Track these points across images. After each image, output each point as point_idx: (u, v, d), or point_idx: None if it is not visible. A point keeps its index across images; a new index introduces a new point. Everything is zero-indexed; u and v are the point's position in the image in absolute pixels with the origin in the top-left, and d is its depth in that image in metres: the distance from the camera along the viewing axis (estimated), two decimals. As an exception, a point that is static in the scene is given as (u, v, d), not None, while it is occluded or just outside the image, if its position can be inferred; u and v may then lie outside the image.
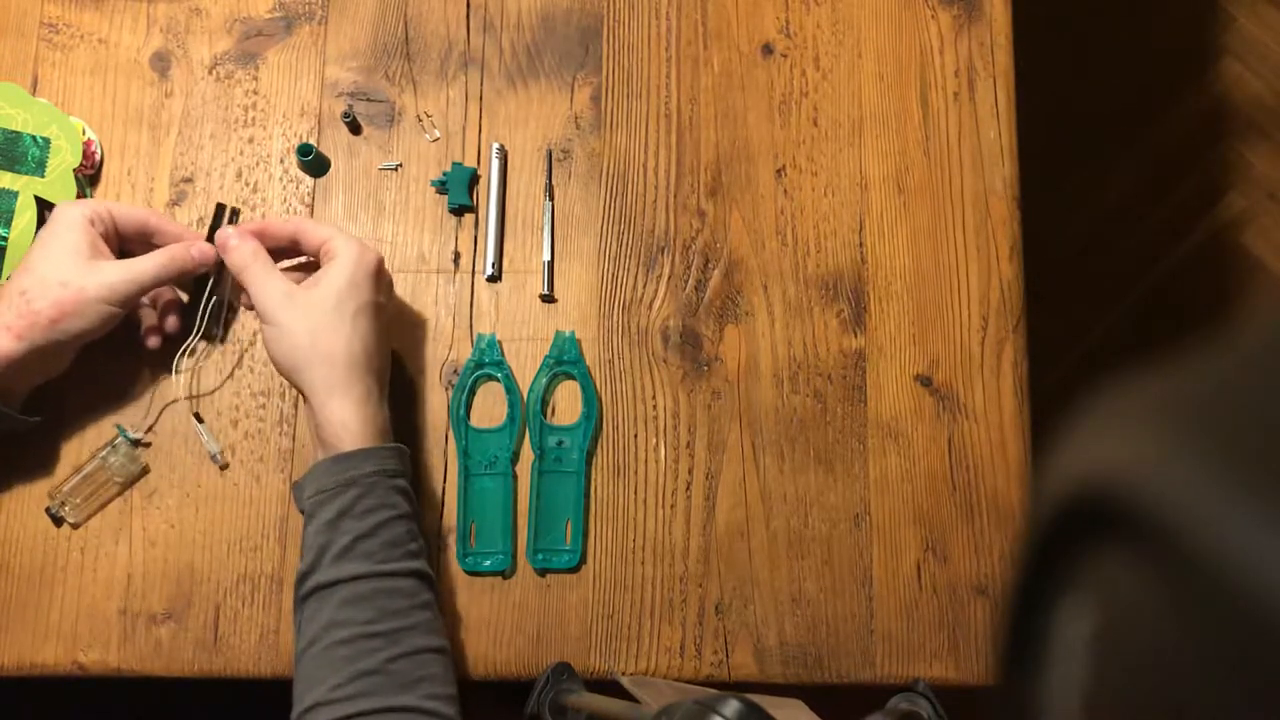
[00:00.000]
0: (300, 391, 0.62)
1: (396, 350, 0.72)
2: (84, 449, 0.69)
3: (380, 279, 0.64)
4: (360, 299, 0.62)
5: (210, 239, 0.67)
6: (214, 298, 0.69)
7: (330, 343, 0.60)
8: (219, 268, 0.67)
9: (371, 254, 0.63)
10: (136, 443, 0.69)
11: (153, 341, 0.70)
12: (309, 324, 0.60)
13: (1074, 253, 1.56)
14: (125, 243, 0.67)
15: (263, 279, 0.62)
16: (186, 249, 0.65)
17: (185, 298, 0.71)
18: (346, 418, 0.60)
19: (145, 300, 0.69)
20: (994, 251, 0.74)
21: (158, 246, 0.66)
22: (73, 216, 0.63)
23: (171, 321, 0.70)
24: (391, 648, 0.57)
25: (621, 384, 0.72)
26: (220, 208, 0.70)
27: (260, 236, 0.65)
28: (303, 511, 0.61)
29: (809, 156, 0.75)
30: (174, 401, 0.70)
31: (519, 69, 0.76)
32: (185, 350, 0.69)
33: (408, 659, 0.57)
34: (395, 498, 0.60)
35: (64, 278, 0.61)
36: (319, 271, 0.63)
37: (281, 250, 0.66)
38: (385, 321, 0.65)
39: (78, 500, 0.68)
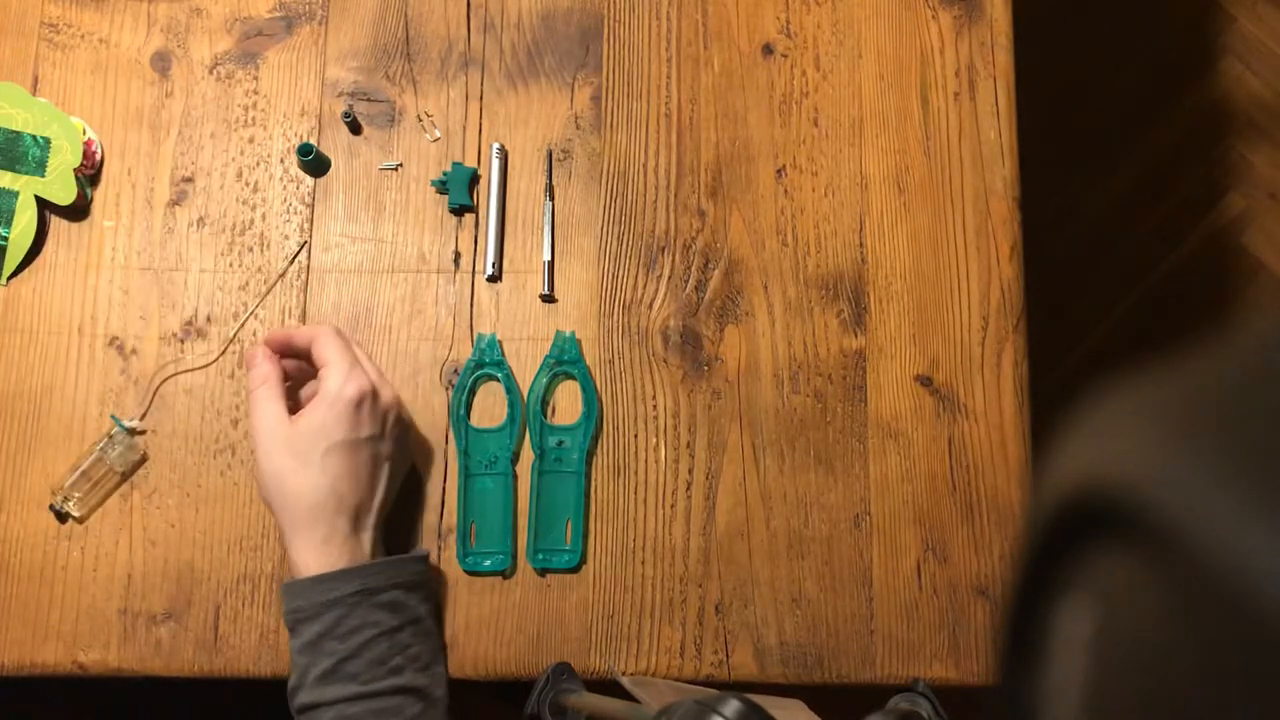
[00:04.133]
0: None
1: (396, 350, 0.72)
2: (81, 444, 0.69)
3: (360, 413, 0.62)
4: (331, 439, 0.61)
5: None
6: None
7: (294, 485, 0.60)
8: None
9: (352, 390, 0.62)
10: (133, 431, 0.69)
11: None
12: (277, 464, 0.61)
13: (1074, 253, 1.56)
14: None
15: (260, 406, 0.62)
16: None
17: None
18: (306, 559, 0.60)
19: None
20: (994, 251, 0.74)
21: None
22: None
23: None
24: None
25: (621, 384, 0.72)
26: None
27: (283, 345, 0.66)
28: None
29: (809, 156, 0.75)
30: (168, 378, 0.70)
31: (519, 69, 0.76)
32: None
33: None
34: (379, 614, 0.60)
35: None
36: (307, 406, 0.63)
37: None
38: (372, 454, 0.63)
39: (79, 495, 0.68)
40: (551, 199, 0.74)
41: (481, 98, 0.76)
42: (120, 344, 0.71)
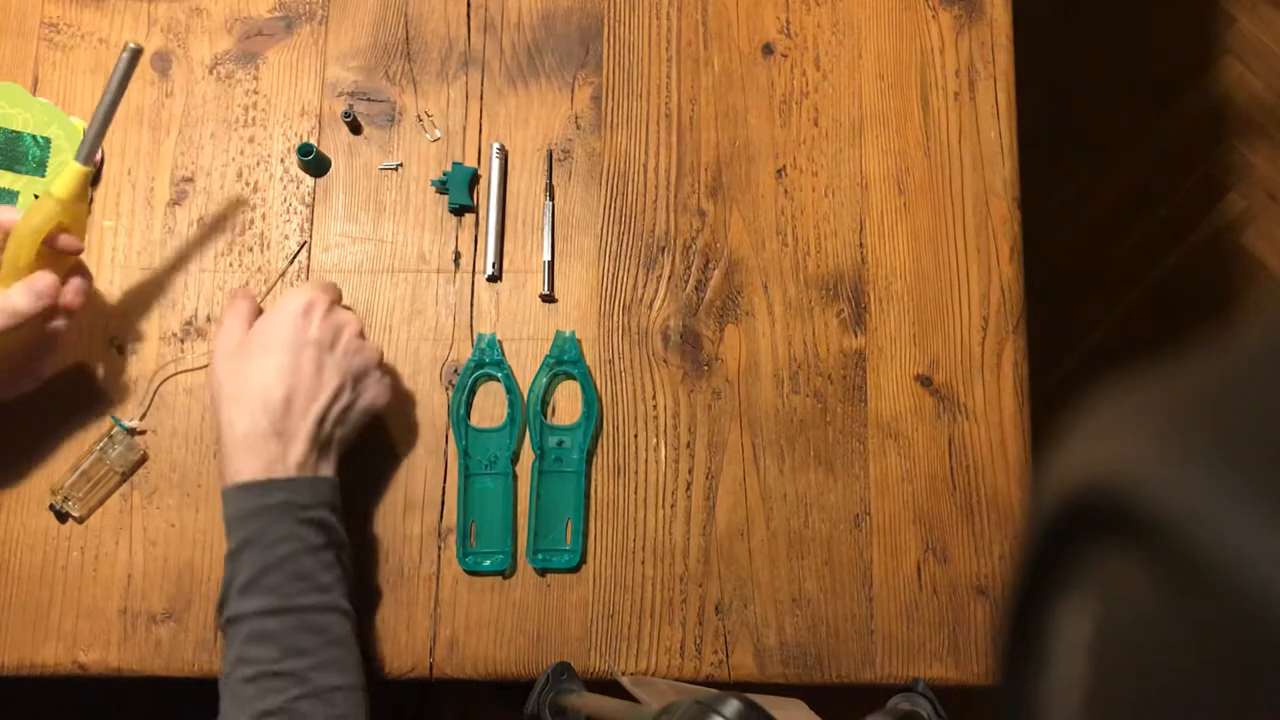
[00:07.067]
0: None
1: (396, 350, 0.72)
2: (81, 444, 0.69)
3: (307, 318, 0.63)
4: (273, 338, 0.62)
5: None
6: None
7: (230, 382, 0.61)
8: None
9: (299, 298, 0.63)
10: (133, 431, 0.69)
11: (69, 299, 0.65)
12: (223, 370, 0.62)
13: (1074, 253, 1.56)
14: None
15: (226, 322, 0.64)
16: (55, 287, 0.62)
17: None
18: (236, 463, 0.60)
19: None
20: (994, 251, 0.74)
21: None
22: None
23: (71, 291, 0.65)
24: (296, 687, 0.56)
25: (621, 384, 0.72)
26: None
27: None
28: None
29: (809, 156, 0.75)
30: (168, 378, 0.71)
31: (519, 69, 0.76)
32: None
33: (314, 699, 0.57)
34: (303, 530, 0.59)
35: None
36: None
37: None
38: (316, 360, 0.62)
39: (80, 495, 0.68)
40: (551, 199, 0.74)
41: (481, 98, 0.76)
42: (120, 344, 0.71)
